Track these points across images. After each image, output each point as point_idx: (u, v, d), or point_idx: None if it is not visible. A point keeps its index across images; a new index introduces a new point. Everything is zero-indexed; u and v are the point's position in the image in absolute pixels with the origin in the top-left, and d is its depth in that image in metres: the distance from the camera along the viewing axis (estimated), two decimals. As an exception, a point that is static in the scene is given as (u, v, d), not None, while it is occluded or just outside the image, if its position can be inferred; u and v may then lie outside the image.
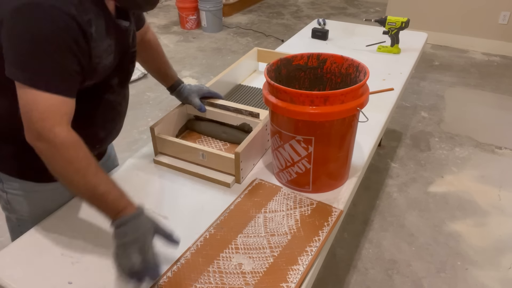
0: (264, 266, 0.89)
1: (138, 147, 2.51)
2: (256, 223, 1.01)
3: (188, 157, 1.22)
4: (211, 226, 1.01)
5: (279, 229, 0.99)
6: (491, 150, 2.60)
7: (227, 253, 0.93)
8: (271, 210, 1.05)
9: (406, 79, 1.80)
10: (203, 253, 0.93)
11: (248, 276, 0.87)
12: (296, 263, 0.90)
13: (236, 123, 1.31)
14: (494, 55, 3.94)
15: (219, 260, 0.91)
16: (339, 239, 1.99)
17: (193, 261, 0.91)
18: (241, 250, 0.93)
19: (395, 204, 2.20)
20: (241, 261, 0.91)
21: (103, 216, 0.83)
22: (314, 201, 1.08)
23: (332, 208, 1.05)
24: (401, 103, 3.14)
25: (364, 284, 1.77)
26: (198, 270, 0.88)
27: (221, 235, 0.98)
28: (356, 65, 1.10)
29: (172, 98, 1.37)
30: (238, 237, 0.97)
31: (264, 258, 0.91)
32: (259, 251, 0.93)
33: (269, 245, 0.95)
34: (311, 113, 0.95)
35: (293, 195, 1.11)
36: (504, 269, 1.82)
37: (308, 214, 1.03)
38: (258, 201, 1.09)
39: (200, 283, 0.85)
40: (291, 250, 0.93)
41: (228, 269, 0.89)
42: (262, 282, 0.86)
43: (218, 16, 4.63)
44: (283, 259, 0.91)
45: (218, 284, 0.85)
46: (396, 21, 1.99)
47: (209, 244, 0.95)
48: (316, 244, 0.94)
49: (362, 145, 1.32)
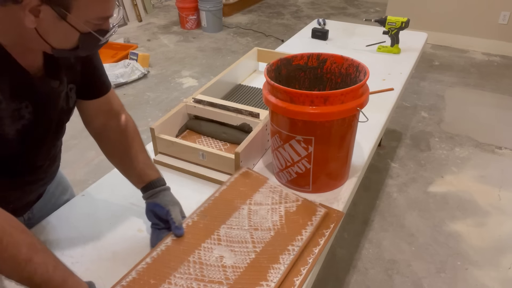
0: (245, 262, 0.87)
1: (138, 147, 2.51)
2: (240, 214, 0.99)
3: (188, 157, 1.22)
4: (194, 213, 0.97)
5: (263, 224, 0.97)
6: (491, 150, 2.60)
7: (209, 244, 0.90)
8: (256, 203, 1.03)
9: (406, 79, 1.80)
10: (184, 241, 0.90)
11: (228, 270, 0.85)
12: (277, 261, 0.88)
13: (236, 123, 1.31)
14: (494, 55, 3.94)
15: (200, 250, 0.88)
16: (339, 239, 1.99)
17: (173, 249, 0.88)
18: (223, 242, 0.91)
19: (395, 204, 2.20)
20: (223, 254, 0.89)
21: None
22: (300, 198, 1.06)
23: (317, 207, 1.03)
24: (401, 103, 3.13)
25: (364, 284, 1.77)
26: (178, 258, 0.86)
27: (204, 224, 0.95)
28: (356, 65, 1.10)
29: (172, 98, 1.37)
30: (221, 228, 0.94)
31: (246, 253, 0.90)
32: (241, 245, 0.91)
33: (252, 240, 0.93)
34: (311, 113, 0.95)
35: (279, 189, 1.09)
36: (504, 269, 1.82)
37: (293, 211, 1.01)
38: (243, 191, 1.06)
39: (180, 273, 0.83)
40: (273, 248, 0.91)
41: (209, 261, 0.87)
42: (242, 278, 0.84)
43: (218, 16, 4.63)
44: (264, 256, 0.89)
45: (198, 276, 0.83)
46: (396, 21, 1.99)
47: (191, 232, 0.92)
48: (298, 243, 0.92)
49: (362, 145, 1.32)
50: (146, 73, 3.67)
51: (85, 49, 0.76)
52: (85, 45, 0.75)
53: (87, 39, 0.73)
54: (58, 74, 0.84)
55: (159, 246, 0.88)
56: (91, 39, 0.74)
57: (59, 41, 0.73)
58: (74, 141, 2.66)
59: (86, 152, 2.60)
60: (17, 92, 0.75)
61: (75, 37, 0.72)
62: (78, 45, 0.74)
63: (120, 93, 3.39)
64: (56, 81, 0.84)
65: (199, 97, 1.37)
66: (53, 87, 0.83)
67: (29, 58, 0.77)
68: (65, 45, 0.74)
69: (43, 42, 0.72)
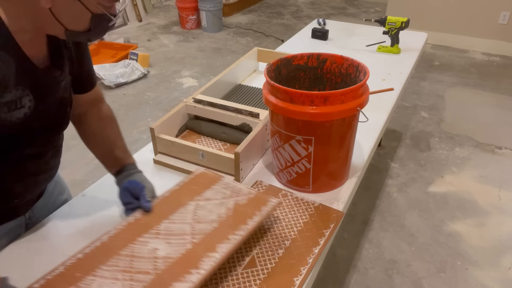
0: (179, 252, 0.85)
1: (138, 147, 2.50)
2: (186, 210, 0.96)
3: (188, 157, 1.22)
4: (138, 211, 0.96)
5: (207, 217, 0.94)
6: (491, 150, 2.60)
7: (145, 238, 0.89)
8: (205, 198, 1.00)
9: (406, 79, 1.80)
10: (121, 236, 0.89)
11: (159, 261, 0.84)
12: (213, 250, 0.85)
13: (236, 123, 1.31)
14: (494, 55, 3.94)
15: (135, 244, 0.87)
16: (339, 239, 1.99)
17: (108, 245, 0.87)
18: (161, 236, 0.89)
19: (395, 204, 2.20)
20: (158, 246, 0.87)
21: None
22: (253, 191, 1.02)
23: (269, 198, 1.00)
24: (401, 103, 3.14)
25: (364, 284, 1.77)
26: (109, 253, 0.85)
27: (146, 221, 0.93)
28: (356, 65, 1.10)
29: (172, 98, 1.37)
30: (162, 223, 0.93)
31: (182, 244, 0.87)
32: (179, 237, 0.89)
33: (192, 232, 0.90)
34: (311, 113, 0.95)
35: (233, 184, 1.04)
36: (504, 269, 1.82)
37: (243, 203, 0.98)
38: (194, 189, 1.03)
39: (107, 266, 0.82)
40: (212, 238, 0.89)
41: (141, 253, 0.85)
42: (173, 267, 0.82)
43: (218, 16, 4.63)
44: (201, 246, 0.87)
45: (126, 268, 0.82)
46: (396, 21, 1.99)
47: (130, 229, 0.91)
48: (241, 232, 0.90)
49: (362, 145, 1.32)
50: (146, 73, 3.67)
51: (96, 31, 0.79)
52: (96, 26, 0.78)
53: (98, 21, 0.77)
54: (61, 64, 0.87)
55: (94, 243, 0.87)
56: (102, 21, 0.77)
57: (72, 22, 0.76)
58: (74, 141, 2.65)
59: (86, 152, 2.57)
60: (21, 80, 0.77)
61: (88, 17, 0.76)
62: (90, 27, 0.77)
63: (120, 93, 3.39)
64: (58, 71, 0.86)
65: (199, 97, 1.37)
66: (54, 77, 0.85)
67: (34, 47, 0.79)
68: (77, 26, 0.77)
69: (57, 23, 0.75)
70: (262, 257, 0.93)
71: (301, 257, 0.93)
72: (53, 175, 1.02)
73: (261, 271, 0.90)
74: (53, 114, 0.89)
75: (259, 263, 0.91)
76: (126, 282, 0.79)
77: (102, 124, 1.05)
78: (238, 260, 0.92)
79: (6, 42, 0.74)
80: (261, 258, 0.93)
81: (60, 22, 0.75)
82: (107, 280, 0.79)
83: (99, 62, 3.67)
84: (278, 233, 0.99)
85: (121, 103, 3.23)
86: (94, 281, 0.79)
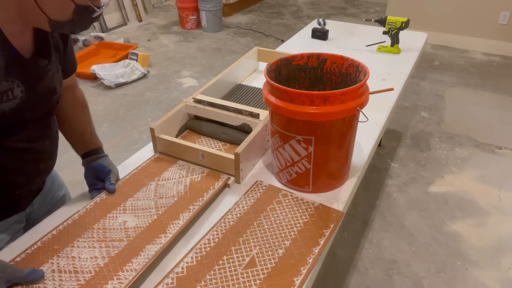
0: (147, 222, 0.98)
1: (138, 147, 2.51)
2: (148, 189, 1.09)
3: (188, 157, 1.22)
4: (103, 193, 1.07)
5: (168, 193, 1.08)
6: (491, 150, 2.60)
7: (114, 214, 1.01)
8: (164, 178, 1.13)
9: (406, 79, 1.80)
10: (91, 214, 1.00)
11: (130, 230, 0.96)
12: (177, 218, 0.99)
13: (236, 124, 1.31)
14: (494, 55, 3.94)
15: (106, 219, 0.98)
16: (339, 239, 1.99)
17: (79, 221, 0.98)
18: (128, 211, 1.01)
19: (395, 204, 2.20)
20: (126, 219, 0.99)
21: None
22: (205, 170, 1.16)
23: (221, 175, 1.14)
24: (401, 103, 3.14)
25: (364, 284, 1.77)
26: (83, 228, 0.96)
27: (111, 200, 1.05)
28: (356, 65, 1.10)
29: (172, 98, 1.37)
30: (128, 201, 1.05)
31: (149, 216, 1.00)
32: (145, 210, 1.02)
33: (156, 206, 1.03)
34: (311, 113, 0.95)
35: (188, 165, 1.18)
36: (504, 269, 1.82)
37: (198, 180, 1.12)
38: (153, 171, 1.16)
39: (83, 238, 0.93)
40: (175, 209, 1.02)
41: (113, 226, 0.97)
42: (143, 234, 0.95)
43: (218, 16, 4.63)
44: (166, 216, 1.00)
45: (100, 238, 0.94)
46: (396, 21, 1.99)
47: (98, 207, 1.02)
48: (199, 203, 1.04)
49: (362, 145, 1.32)
50: (146, 73, 3.67)
51: (80, 22, 0.81)
52: (81, 18, 0.79)
53: (82, 12, 0.79)
54: (47, 54, 0.89)
55: (66, 221, 0.98)
56: (86, 12, 0.79)
57: (55, 12, 0.78)
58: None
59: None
60: (10, 71, 0.79)
61: (71, 8, 0.77)
62: (74, 18, 0.79)
63: (120, 93, 3.39)
64: (44, 61, 0.88)
65: (199, 97, 1.37)
66: (41, 66, 0.87)
67: (21, 38, 0.81)
68: (61, 16, 0.78)
69: (41, 13, 0.77)
70: (262, 257, 0.93)
71: (301, 257, 0.93)
72: (52, 165, 1.06)
73: (261, 271, 0.90)
74: (42, 103, 0.92)
75: (259, 263, 0.91)
76: (103, 249, 0.91)
77: (75, 109, 1.10)
78: (238, 260, 0.92)
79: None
80: (261, 258, 0.93)
81: (43, 12, 0.76)
82: (85, 249, 0.91)
83: (99, 62, 3.67)
84: (278, 233, 0.99)
85: (121, 103, 3.23)
86: (72, 251, 0.91)
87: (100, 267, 0.87)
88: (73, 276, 0.85)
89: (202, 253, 0.94)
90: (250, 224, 1.02)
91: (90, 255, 0.89)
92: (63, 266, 0.87)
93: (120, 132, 2.78)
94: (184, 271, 0.89)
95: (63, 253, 0.90)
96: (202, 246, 0.96)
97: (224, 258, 0.93)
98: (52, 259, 0.89)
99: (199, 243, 0.96)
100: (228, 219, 1.03)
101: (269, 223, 1.02)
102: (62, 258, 0.89)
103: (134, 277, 0.85)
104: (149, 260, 0.89)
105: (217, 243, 0.96)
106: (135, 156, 1.29)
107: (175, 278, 0.88)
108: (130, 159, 1.27)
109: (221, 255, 0.93)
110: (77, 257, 0.89)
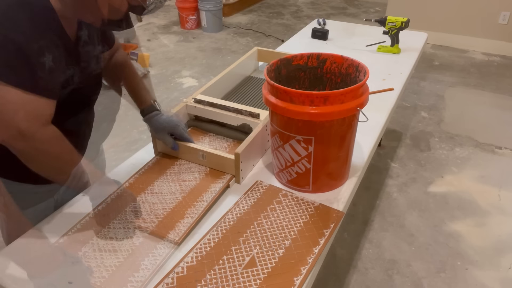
0: (172, 205, 1.08)
1: (138, 147, 2.51)
2: (167, 178, 1.18)
3: (188, 157, 1.22)
4: (120, 187, 1.14)
5: (186, 177, 1.18)
6: (491, 150, 2.60)
7: (141, 197, 1.11)
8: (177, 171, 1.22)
9: (406, 79, 1.80)
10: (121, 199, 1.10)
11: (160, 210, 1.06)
12: (201, 200, 1.09)
13: (236, 124, 1.31)
14: (494, 55, 3.94)
15: (136, 202, 1.08)
16: (339, 239, 1.99)
17: (112, 205, 1.08)
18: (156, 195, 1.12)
19: (395, 204, 2.20)
20: (155, 201, 1.09)
21: None
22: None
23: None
24: (401, 103, 3.14)
25: (364, 284, 1.77)
26: (115, 210, 1.06)
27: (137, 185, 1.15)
28: (356, 65, 1.10)
29: (172, 98, 1.38)
30: (155, 184, 1.15)
31: (175, 199, 1.10)
32: (171, 196, 1.11)
33: (181, 190, 1.13)
34: (311, 113, 0.95)
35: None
36: (504, 269, 1.82)
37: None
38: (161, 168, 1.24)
39: (117, 220, 1.03)
40: (199, 191, 1.12)
41: (143, 209, 1.06)
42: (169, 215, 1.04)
43: (218, 16, 4.63)
44: (189, 198, 1.10)
45: (133, 220, 1.03)
46: (396, 21, 1.99)
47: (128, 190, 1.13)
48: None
49: (362, 145, 1.32)
50: (146, 73, 3.67)
51: (128, 21, 0.88)
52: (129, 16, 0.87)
53: (133, 11, 0.86)
54: (92, 40, 0.96)
55: (97, 207, 1.07)
56: (135, 11, 0.86)
57: (111, 11, 0.84)
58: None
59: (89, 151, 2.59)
60: (68, 58, 0.87)
61: (125, 8, 0.84)
62: (125, 17, 0.87)
63: (120, 93, 3.39)
64: (91, 46, 0.96)
65: (199, 97, 1.37)
66: (88, 51, 0.95)
67: (73, 27, 0.89)
68: (115, 16, 0.85)
69: (98, 12, 0.83)
70: (262, 257, 0.93)
71: (301, 257, 0.93)
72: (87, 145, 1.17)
73: (261, 271, 0.90)
74: (91, 84, 1.02)
75: (259, 263, 0.91)
76: (136, 229, 1.00)
77: (124, 64, 1.19)
78: (238, 260, 0.92)
79: (56, 26, 0.83)
80: (261, 258, 0.93)
81: (101, 12, 0.82)
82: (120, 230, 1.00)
83: (99, 62, 3.66)
84: (278, 233, 0.99)
85: (121, 103, 3.23)
86: (109, 232, 0.99)
87: None
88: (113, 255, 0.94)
89: (202, 253, 0.94)
90: (250, 224, 1.02)
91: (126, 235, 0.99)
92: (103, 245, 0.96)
93: (120, 132, 2.78)
94: (184, 271, 0.89)
95: (101, 234, 0.99)
96: (202, 246, 0.96)
97: (224, 258, 0.93)
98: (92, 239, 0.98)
99: (199, 243, 0.96)
100: (228, 219, 1.03)
101: (269, 223, 1.02)
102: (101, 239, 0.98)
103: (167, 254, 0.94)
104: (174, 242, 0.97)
105: (217, 243, 0.96)
106: (135, 156, 1.29)
107: (175, 278, 0.88)
108: (130, 159, 1.28)
109: (221, 255, 0.93)
110: (114, 237, 0.99)
